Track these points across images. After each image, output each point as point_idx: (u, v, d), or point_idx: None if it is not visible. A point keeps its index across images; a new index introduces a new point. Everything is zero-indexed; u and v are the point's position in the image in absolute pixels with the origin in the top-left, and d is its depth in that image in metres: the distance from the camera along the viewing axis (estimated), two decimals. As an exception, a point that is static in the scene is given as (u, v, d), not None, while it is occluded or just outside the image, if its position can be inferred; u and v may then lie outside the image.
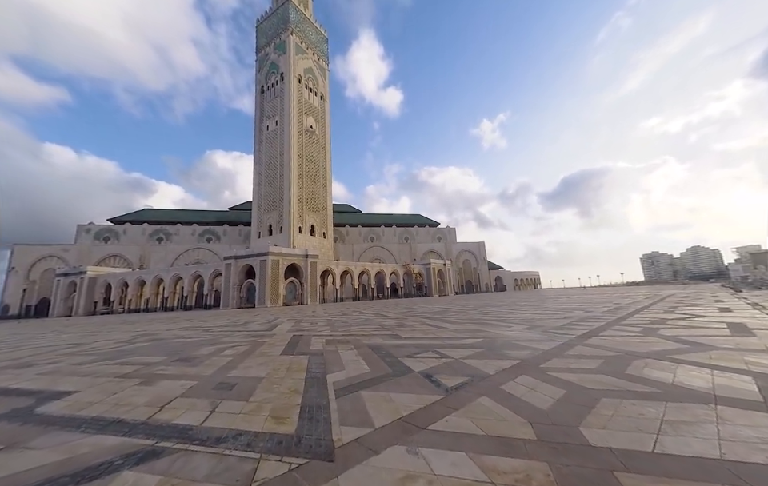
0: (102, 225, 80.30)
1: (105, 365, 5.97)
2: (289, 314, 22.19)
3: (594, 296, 26.86)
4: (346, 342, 7.39)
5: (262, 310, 34.45)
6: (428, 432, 2.47)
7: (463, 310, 17.01)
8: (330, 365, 5.01)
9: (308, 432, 2.59)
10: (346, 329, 10.23)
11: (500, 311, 15.02)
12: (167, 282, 53.81)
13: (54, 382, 4.76)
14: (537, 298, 29.67)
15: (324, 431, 2.59)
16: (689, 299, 17.52)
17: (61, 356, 7.53)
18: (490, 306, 19.71)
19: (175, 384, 4.35)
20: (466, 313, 14.59)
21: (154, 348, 8.12)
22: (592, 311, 12.32)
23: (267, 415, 3.00)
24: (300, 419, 2.87)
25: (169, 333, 11.86)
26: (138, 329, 14.84)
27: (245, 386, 4.04)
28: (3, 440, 2.70)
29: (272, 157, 79.96)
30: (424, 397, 3.24)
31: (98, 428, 2.85)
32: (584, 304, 16.60)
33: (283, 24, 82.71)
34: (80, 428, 2.87)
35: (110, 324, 20.76)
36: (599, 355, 4.70)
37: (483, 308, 17.57)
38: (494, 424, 2.54)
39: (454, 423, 2.60)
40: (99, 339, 11.11)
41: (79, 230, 76.89)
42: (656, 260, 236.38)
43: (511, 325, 8.92)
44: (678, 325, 7.43)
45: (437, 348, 6.06)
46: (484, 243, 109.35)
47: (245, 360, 5.77)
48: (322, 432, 2.57)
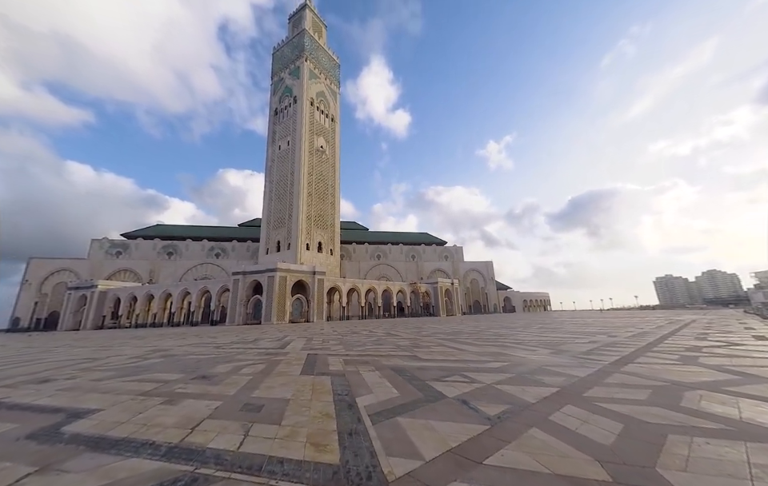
0: (115, 240, 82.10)
1: (123, 382, 5.86)
2: (297, 332, 21.91)
3: (613, 320, 25.99)
4: (364, 363, 7.17)
5: (269, 327, 34.16)
6: (486, 467, 2.28)
7: (477, 331, 16.56)
8: (356, 387, 4.81)
9: (354, 462, 2.42)
10: (361, 349, 9.98)
11: (516, 333, 14.57)
12: (175, 297, 54.10)
13: (76, 399, 4.66)
14: (551, 320, 28.85)
15: (371, 462, 2.42)
16: (715, 325, 16.79)
17: (77, 371, 7.46)
18: (503, 328, 19.17)
19: (199, 403, 4.20)
20: (481, 335, 14.18)
21: (168, 364, 8.00)
22: (616, 336, 11.84)
23: (305, 441, 2.84)
24: (341, 447, 2.70)
25: (180, 350, 11.75)
26: (148, 345, 14.76)
27: (273, 408, 3.88)
28: (36, 461, 2.59)
29: (283, 175, 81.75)
30: (468, 426, 3.04)
31: (132, 451, 2.72)
32: (605, 329, 16.02)
33: (298, 51, 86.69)
34: (113, 450, 2.75)
35: (120, 339, 20.76)
36: (643, 384, 4.42)
37: (497, 330, 17.09)
38: (556, 460, 2.33)
39: (511, 458, 2.40)
40: (112, 354, 11.05)
41: (93, 244, 78.67)
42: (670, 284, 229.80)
43: (535, 349, 8.58)
44: (716, 354, 7.04)
45: (463, 371, 5.82)
46: (492, 262, 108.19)
47: (265, 380, 5.60)
48: (368, 463, 2.40)
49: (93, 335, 30.77)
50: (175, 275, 79.37)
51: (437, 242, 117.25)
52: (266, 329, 28.64)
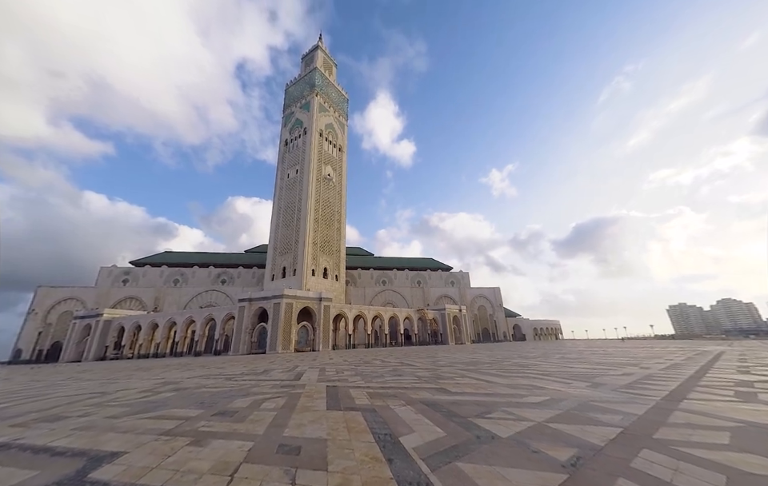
0: (123, 267, 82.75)
1: (141, 419, 5.52)
2: (306, 361, 21.19)
3: (635, 351, 24.94)
4: (392, 396, 6.75)
5: (274, 356, 33.21)
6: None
7: (496, 361, 15.85)
8: (394, 425, 4.44)
9: (430, 521, 2.11)
10: (381, 381, 9.48)
11: (538, 364, 13.90)
12: (179, 325, 53.44)
13: (95, 440, 4.34)
14: (568, 350, 27.73)
15: (449, 521, 2.11)
16: (748, 357, 15.93)
17: (89, 407, 7.12)
18: (522, 358, 18.37)
19: (230, 444, 3.87)
20: (502, 365, 13.53)
21: (183, 399, 7.61)
22: (648, 367, 11.19)
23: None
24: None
25: (191, 382, 11.31)
26: (156, 377, 14.30)
27: (311, 450, 3.54)
28: (67, 517, 2.30)
29: (290, 202, 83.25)
30: (543, 475, 2.70)
31: (173, 506, 2.42)
32: (632, 359, 15.26)
33: (309, 87, 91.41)
34: None
35: (125, 371, 20.24)
36: (716, 425, 4.00)
37: (517, 360, 16.36)
38: (670, 520, 2.00)
39: (613, 516, 2.07)
40: (120, 387, 10.65)
41: (101, 272, 79.27)
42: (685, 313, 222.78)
43: (569, 382, 8.06)
44: None
45: (503, 407, 5.40)
46: (499, 288, 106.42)
47: (292, 416, 5.24)
48: (447, 523, 2.08)
49: (96, 367, 30.17)
50: (180, 302, 79.05)
51: (442, 268, 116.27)
52: (272, 359, 27.83)
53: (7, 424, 5.56)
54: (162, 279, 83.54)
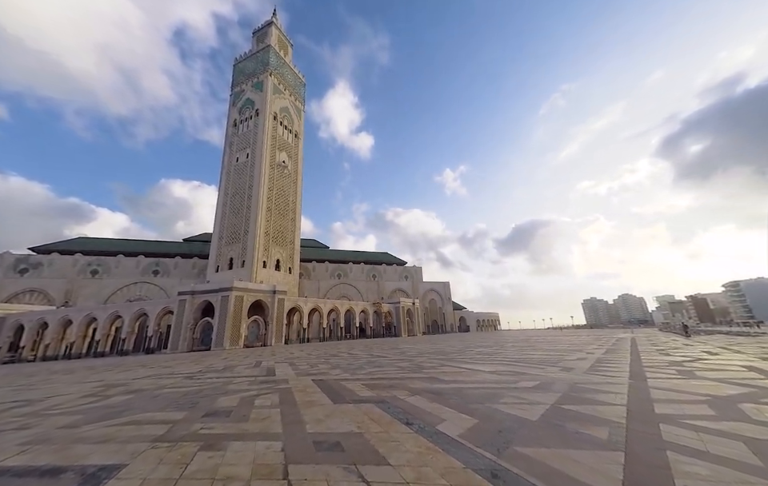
0: (20, 254, 68.06)
1: (112, 427, 4.64)
2: (266, 356, 19.94)
3: (570, 338, 28.54)
4: (392, 387, 6.75)
5: (222, 353, 30.59)
6: None
7: (461, 351, 16.84)
8: (420, 415, 4.46)
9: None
10: (366, 373, 9.41)
11: (500, 352, 15.17)
12: (101, 322, 46.02)
13: (66, 454, 3.53)
14: (514, 339, 30.65)
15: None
16: (653, 341, 19.39)
17: (20, 417, 5.75)
18: (480, 346, 19.81)
19: (254, 445, 3.49)
20: (469, 354, 14.45)
21: (148, 401, 6.60)
22: (593, 352, 13.00)
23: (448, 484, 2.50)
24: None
25: (142, 383, 9.83)
26: (87, 379, 12.12)
27: (354, 445, 3.39)
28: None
29: (239, 188, 76.88)
30: (604, 454, 2.83)
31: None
32: (574, 346, 17.50)
33: (262, 66, 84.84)
34: None
35: (38, 375, 16.81)
36: (692, 400, 4.67)
37: (478, 349, 17.61)
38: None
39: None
40: (47, 394, 8.80)
41: (-12, 258, 64.11)
42: (595, 306, 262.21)
43: (543, 367, 8.96)
44: (699, 367, 8.09)
45: (507, 393, 5.77)
46: (449, 283, 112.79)
47: (302, 412, 4.92)
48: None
49: (-12, 371, 24.49)
50: (100, 296, 68.04)
51: (397, 262, 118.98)
52: (225, 355, 25.58)
53: None
54: (75, 269, 70.81)
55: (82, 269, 71.51)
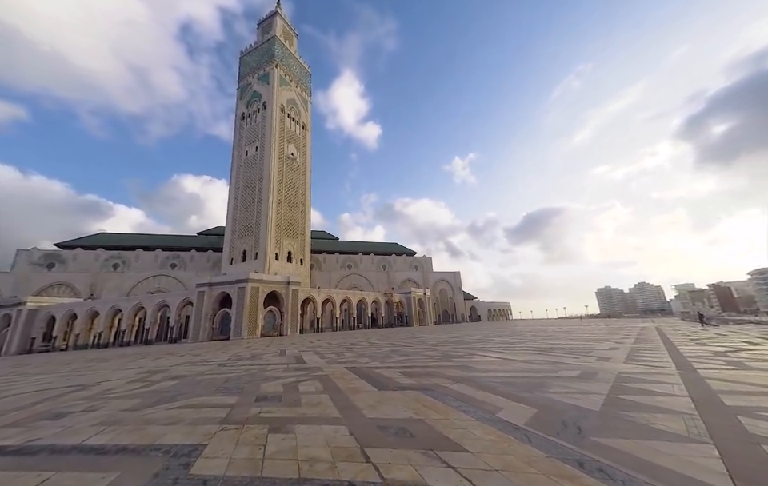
0: (47, 251, 71.01)
1: (173, 410, 4.86)
2: (286, 345, 20.42)
3: (591, 328, 28.14)
4: (430, 375, 6.83)
5: (241, 342, 31.47)
6: None
7: (480, 340, 16.85)
8: (475, 403, 4.49)
9: None
10: (395, 361, 9.54)
11: (523, 341, 15.11)
12: (126, 313, 47.88)
13: (144, 434, 3.73)
14: (530, 329, 30.42)
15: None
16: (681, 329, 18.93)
17: (83, 400, 6.08)
18: (498, 336, 19.77)
19: (320, 429, 3.61)
20: (490, 343, 14.45)
21: (194, 387, 6.87)
22: (623, 341, 12.80)
23: (536, 472, 2.53)
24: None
25: (179, 370, 10.23)
26: (126, 366, 12.70)
27: (420, 430, 3.46)
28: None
29: (250, 181, 77.68)
30: (694, 447, 2.78)
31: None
32: (600, 335, 17.26)
33: (268, 57, 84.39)
34: None
35: (78, 363, 17.68)
36: (758, 391, 4.53)
37: (497, 339, 17.59)
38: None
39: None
40: (97, 379, 9.27)
41: (19, 256, 67.20)
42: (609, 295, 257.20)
43: (576, 357, 8.90)
44: (746, 358, 7.90)
45: (553, 382, 5.76)
46: (459, 273, 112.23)
47: (350, 398, 5.03)
48: None
49: (29, 360, 25.93)
50: (122, 288, 70.54)
51: (407, 252, 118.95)
52: (247, 344, 26.31)
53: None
54: (97, 263, 73.56)
55: (104, 263, 74.24)
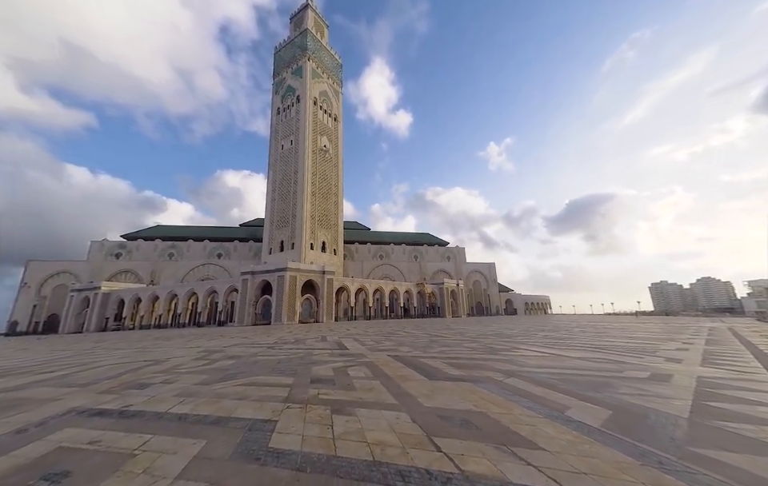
0: (115, 241, 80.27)
1: (237, 386, 5.22)
2: (325, 331, 21.20)
3: (649, 326, 25.88)
4: (477, 367, 6.65)
5: (282, 327, 33.32)
6: None
7: (524, 333, 16.14)
8: (537, 399, 4.29)
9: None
10: (438, 351, 9.44)
11: (573, 337, 14.20)
12: (181, 298, 52.87)
13: (218, 407, 4.05)
14: (577, 324, 28.59)
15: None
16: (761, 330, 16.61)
17: (158, 373, 6.79)
18: (541, 331, 18.80)
19: (380, 414, 3.64)
20: (533, 337, 13.77)
21: (250, 366, 7.34)
22: (692, 342, 11.49)
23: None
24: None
25: (234, 350, 11.04)
26: (186, 346, 14.02)
27: (485, 424, 3.34)
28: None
29: (286, 174, 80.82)
30: None
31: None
32: (661, 334, 15.74)
33: (301, 51, 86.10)
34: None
35: (147, 341, 19.91)
36: None
37: (541, 334, 16.72)
38: None
39: None
40: (165, 356, 10.33)
41: (92, 246, 76.76)
42: (665, 290, 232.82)
43: (640, 356, 8.16)
44: None
45: (620, 382, 5.31)
46: (494, 264, 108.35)
47: (405, 386, 5.04)
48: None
49: (106, 337, 29.76)
50: (177, 276, 77.89)
51: (439, 243, 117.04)
52: (289, 329, 27.83)
53: (93, 391, 5.22)
54: (156, 253, 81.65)
55: (161, 253, 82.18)
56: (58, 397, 5.02)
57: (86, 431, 3.37)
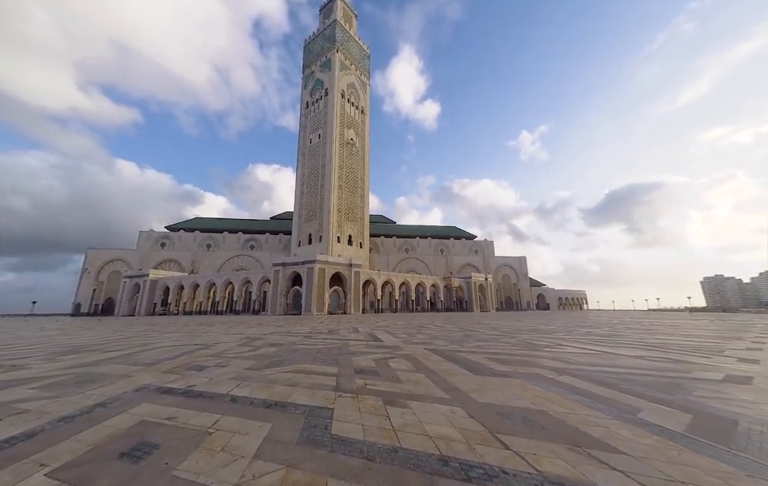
0: (160, 232, 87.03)
1: (285, 373, 5.42)
2: (354, 323, 21.59)
3: (706, 323, 23.69)
4: (522, 364, 6.39)
5: (312, 318, 34.41)
6: None
7: (564, 329, 15.33)
8: (600, 398, 4.02)
9: None
10: (475, 345, 9.22)
11: (620, 334, 13.26)
12: (219, 287, 56.33)
13: (271, 392, 4.21)
14: (621, 320, 26.75)
15: None
16: None
17: (209, 357, 7.25)
18: (583, 327, 17.74)
19: (433, 407, 3.58)
20: (575, 333, 13.00)
21: (292, 354, 7.62)
22: (763, 341, 10.30)
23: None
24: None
25: (273, 338, 11.56)
26: (228, 332, 14.89)
27: (551, 424, 3.17)
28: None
29: (314, 168, 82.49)
30: None
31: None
32: (724, 332, 14.29)
33: (329, 43, 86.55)
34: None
35: (191, 326, 21.42)
36: None
37: (584, 330, 15.77)
38: None
39: None
40: (212, 341, 11.03)
41: (141, 236, 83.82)
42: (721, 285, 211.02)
43: (708, 356, 7.41)
44: None
45: (692, 385, 4.87)
46: (525, 258, 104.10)
47: (452, 380, 4.95)
48: None
49: (156, 321, 32.40)
50: (214, 265, 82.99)
51: (466, 236, 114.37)
52: (321, 320, 28.75)
53: (158, 371, 5.67)
54: (195, 243, 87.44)
55: (200, 243, 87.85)
56: (128, 374, 5.51)
57: (161, 407, 3.65)
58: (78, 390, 4.45)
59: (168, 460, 2.37)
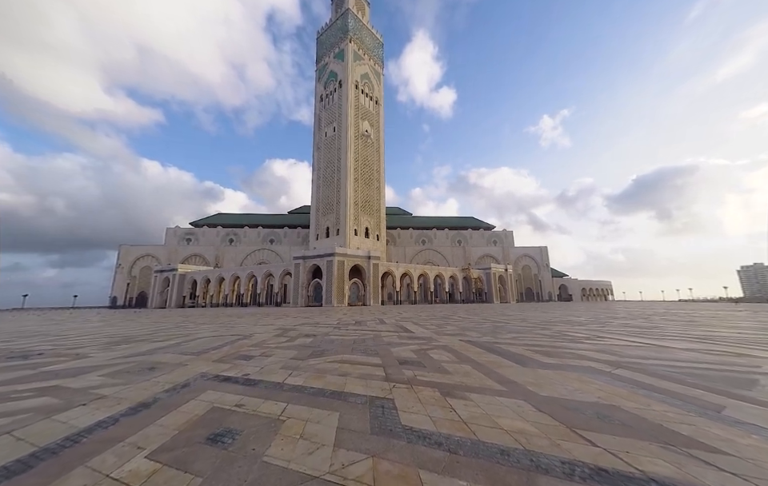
0: (184, 228, 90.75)
1: (330, 363, 5.49)
2: (377, 315, 21.72)
3: (752, 314, 22.24)
4: (565, 356, 6.17)
5: (333, 309, 34.97)
6: None
7: (596, 321, 14.75)
8: (669, 393, 3.80)
9: None
10: (510, 337, 9.02)
11: (659, 326, 12.61)
12: (242, 280, 58.27)
13: (325, 381, 4.26)
14: (655, 311, 25.49)
15: None
16: None
17: (252, 347, 7.48)
18: (616, 318, 17.01)
19: (499, 401, 3.50)
20: (610, 325, 12.47)
21: (329, 344, 7.73)
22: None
23: None
24: None
25: (304, 329, 11.81)
26: (260, 323, 15.35)
27: (632, 420, 3.01)
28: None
29: (329, 161, 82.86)
30: None
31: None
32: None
33: (342, 33, 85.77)
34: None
35: (223, 317, 22.26)
36: None
37: (618, 322, 15.10)
38: None
39: None
40: (248, 331, 11.39)
41: (168, 232, 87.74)
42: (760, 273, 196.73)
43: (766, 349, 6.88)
44: None
45: (763, 379, 4.53)
46: (546, 248, 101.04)
47: (502, 372, 4.84)
48: None
49: (188, 313, 33.93)
50: (236, 259, 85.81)
51: (484, 226, 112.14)
52: (344, 311, 29.18)
53: (208, 360, 5.90)
54: (218, 238, 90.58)
55: (223, 238, 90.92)
56: (183, 363, 5.76)
57: (226, 394, 3.77)
58: (143, 377, 4.69)
59: (254, 447, 2.42)
